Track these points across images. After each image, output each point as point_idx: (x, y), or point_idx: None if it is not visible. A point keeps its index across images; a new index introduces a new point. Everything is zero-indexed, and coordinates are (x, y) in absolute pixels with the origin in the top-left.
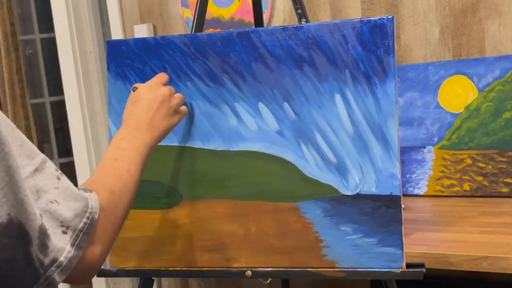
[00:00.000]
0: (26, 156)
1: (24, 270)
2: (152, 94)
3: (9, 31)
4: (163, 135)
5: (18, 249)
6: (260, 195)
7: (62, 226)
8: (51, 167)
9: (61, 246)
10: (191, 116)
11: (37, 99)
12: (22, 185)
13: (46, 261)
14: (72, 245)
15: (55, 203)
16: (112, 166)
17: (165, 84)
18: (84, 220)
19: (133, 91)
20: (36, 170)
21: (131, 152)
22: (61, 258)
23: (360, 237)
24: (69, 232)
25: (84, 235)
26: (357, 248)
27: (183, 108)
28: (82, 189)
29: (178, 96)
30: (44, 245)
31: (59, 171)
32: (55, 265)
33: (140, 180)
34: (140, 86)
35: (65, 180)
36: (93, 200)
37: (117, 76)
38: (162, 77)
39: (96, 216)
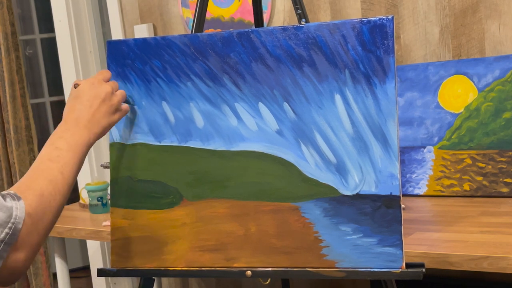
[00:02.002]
0: None
1: None
2: (93, 91)
3: (9, 31)
4: (103, 132)
5: None
6: (260, 195)
7: None
8: None
9: None
10: (133, 110)
11: (37, 99)
12: None
13: None
14: None
15: None
16: (46, 167)
17: (108, 81)
18: (6, 230)
19: (75, 87)
20: None
21: (67, 152)
22: None
23: (360, 237)
24: None
25: (5, 245)
26: (357, 248)
27: (125, 106)
28: (10, 196)
29: (119, 93)
30: None
31: None
32: None
33: (73, 181)
34: (82, 82)
35: None
36: (18, 210)
37: (118, 76)
38: (104, 73)
39: (20, 226)
